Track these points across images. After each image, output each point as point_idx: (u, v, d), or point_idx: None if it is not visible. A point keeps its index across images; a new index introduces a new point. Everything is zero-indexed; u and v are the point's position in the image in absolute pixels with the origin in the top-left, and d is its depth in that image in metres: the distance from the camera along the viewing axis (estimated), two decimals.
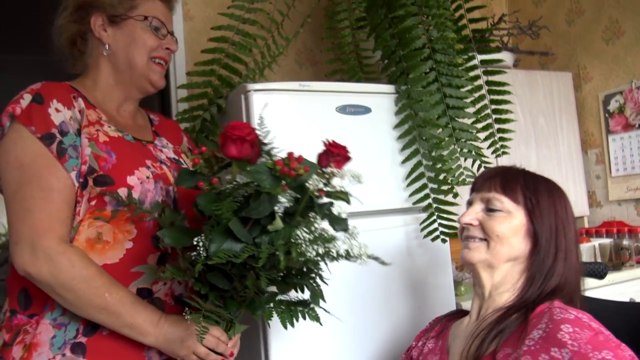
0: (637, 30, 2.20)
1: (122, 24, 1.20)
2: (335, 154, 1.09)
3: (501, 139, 1.72)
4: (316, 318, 1.11)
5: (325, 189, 1.05)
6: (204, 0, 2.14)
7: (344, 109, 1.63)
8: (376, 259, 1.09)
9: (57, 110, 1.09)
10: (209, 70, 1.70)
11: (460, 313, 1.25)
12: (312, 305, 1.10)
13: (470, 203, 1.14)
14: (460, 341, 1.12)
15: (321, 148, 1.10)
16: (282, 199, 1.03)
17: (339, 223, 1.06)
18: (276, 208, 1.01)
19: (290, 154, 1.02)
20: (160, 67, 1.24)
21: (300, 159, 1.01)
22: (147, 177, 1.13)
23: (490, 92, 1.73)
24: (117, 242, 1.10)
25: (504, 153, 1.71)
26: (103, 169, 1.09)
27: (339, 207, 1.10)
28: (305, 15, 1.84)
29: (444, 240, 1.67)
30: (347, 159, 1.11)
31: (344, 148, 1.10)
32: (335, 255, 1.00)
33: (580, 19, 2.42)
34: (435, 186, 1.67)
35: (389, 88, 1.72)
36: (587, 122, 2.43)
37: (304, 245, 0.97)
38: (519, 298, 1.07)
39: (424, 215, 1.68)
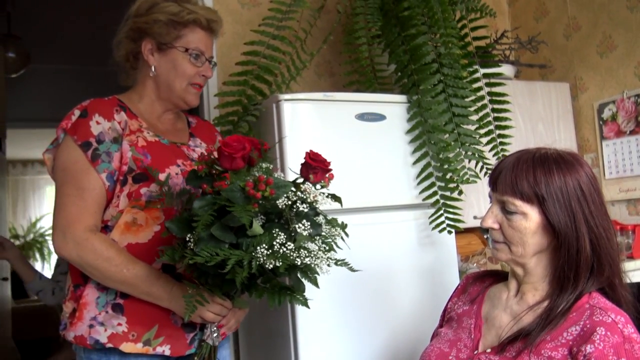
0: (628, 44, 2.39)
1: (167, 51, 1.38)
2: (314, 167, 1.16)
3: (501, 143, 1.92)
4: (303, 303, 1.20)
5: (299, 205, 1.10)
6: (234, 18, 2.35)
7: (362, 116, 1.84)
8: (345, 264, 1.19)
9: (98, 123, 1.31)
10: (243, 81, 1.90)
11: (493, 276, 1.28)
12: (295, 294, 1.19)
13: (490, 198, 1.16)
14: (499, 313, 1.16)
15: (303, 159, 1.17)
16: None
17: (315, 228, 1.13)
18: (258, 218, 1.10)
19: (260, 177, 1.09)
20: (196, 90, 1.43)
21: (269, 182, 1.07)
22: (176, 174, 1.34)
23: (491, 101, 1.93)
24: (148, 226, 1.31)
25: (503, 155, 1.92)
26: (140, 168, 1.30)
27: (321, 214, 1.17)
28: (326, 33, 2.02)
29: (450, 232, 1.86)
30: (326, 171, 1.17)
31: (323, 161, 1.17)
32: (300, 262, 1.07)
33: (577, 34, 2.62)
34: (442, 184, 1.86)
35: (402, 98, 1.91)
36: (583, 129, 2.61)
37: (271, 253, 1.05)
38: (556, 286, 1.10)
39: (432, 210, 1.87)
